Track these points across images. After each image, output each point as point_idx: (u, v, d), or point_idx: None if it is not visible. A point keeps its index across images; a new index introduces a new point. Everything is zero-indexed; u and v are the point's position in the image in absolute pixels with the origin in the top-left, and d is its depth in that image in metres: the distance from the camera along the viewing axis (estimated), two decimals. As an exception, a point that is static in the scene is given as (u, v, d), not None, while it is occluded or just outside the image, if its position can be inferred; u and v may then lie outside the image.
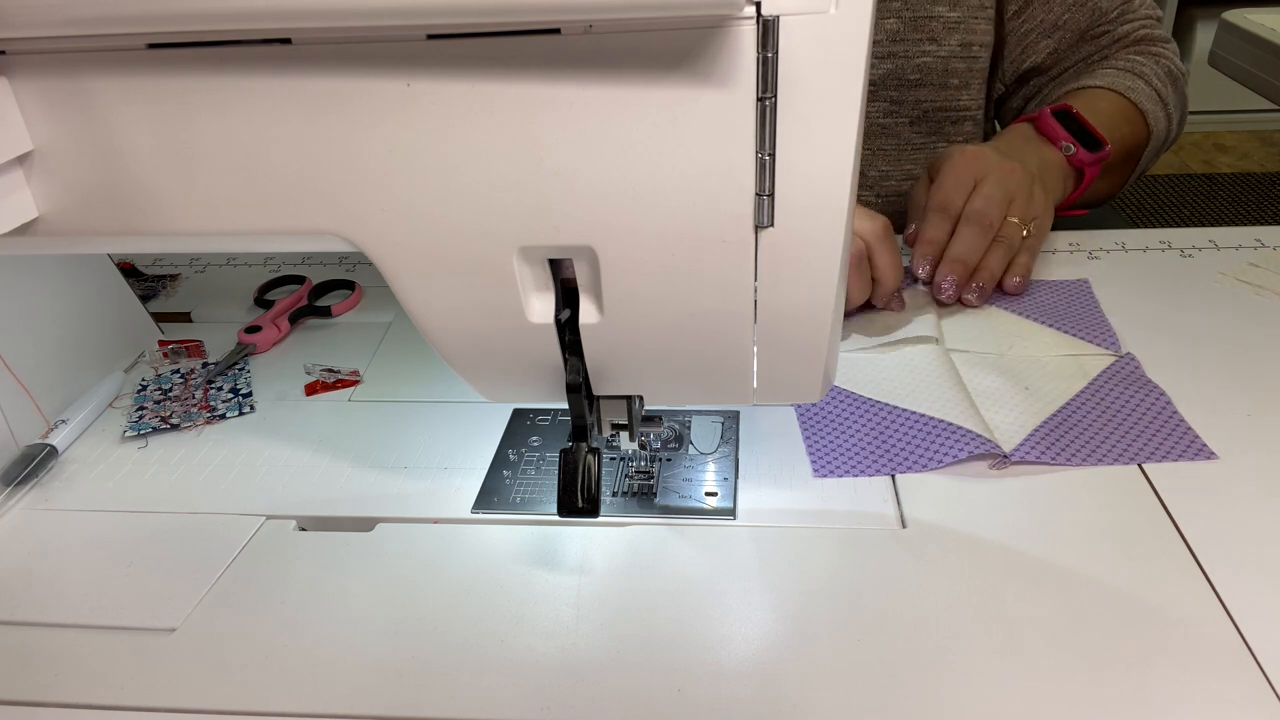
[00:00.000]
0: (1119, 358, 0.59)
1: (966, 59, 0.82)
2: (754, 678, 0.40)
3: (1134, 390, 0.56)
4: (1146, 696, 0.38)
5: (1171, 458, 0.51)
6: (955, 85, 0.83)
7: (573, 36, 0.31)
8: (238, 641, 0.43)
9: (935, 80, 0.82)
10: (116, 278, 0.66)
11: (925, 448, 0.52)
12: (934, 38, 0.80)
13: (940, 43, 0.81)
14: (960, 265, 0.66)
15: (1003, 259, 0.67)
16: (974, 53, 0.82)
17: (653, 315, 0.38)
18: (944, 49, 0.81)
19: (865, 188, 0.87)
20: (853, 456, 0.53)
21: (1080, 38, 0.84)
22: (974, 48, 0.82)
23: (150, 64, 0.34)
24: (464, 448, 0.56)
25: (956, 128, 0.85)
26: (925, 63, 0.81)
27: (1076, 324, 0.64)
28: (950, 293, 0.65)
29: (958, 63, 0.82)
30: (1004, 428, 0.54)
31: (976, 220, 0.66)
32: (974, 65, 0.83)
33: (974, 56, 0.82)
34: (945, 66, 0.81)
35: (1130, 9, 0.84)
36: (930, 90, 0.82)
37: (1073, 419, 0.54)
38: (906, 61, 0.81)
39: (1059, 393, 0.57)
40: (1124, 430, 0.53)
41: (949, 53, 0.81)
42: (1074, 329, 0.63)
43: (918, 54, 0.81)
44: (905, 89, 0.82)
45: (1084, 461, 0.51)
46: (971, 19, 0.81)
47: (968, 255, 0.66)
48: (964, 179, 0.68)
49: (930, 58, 0.81)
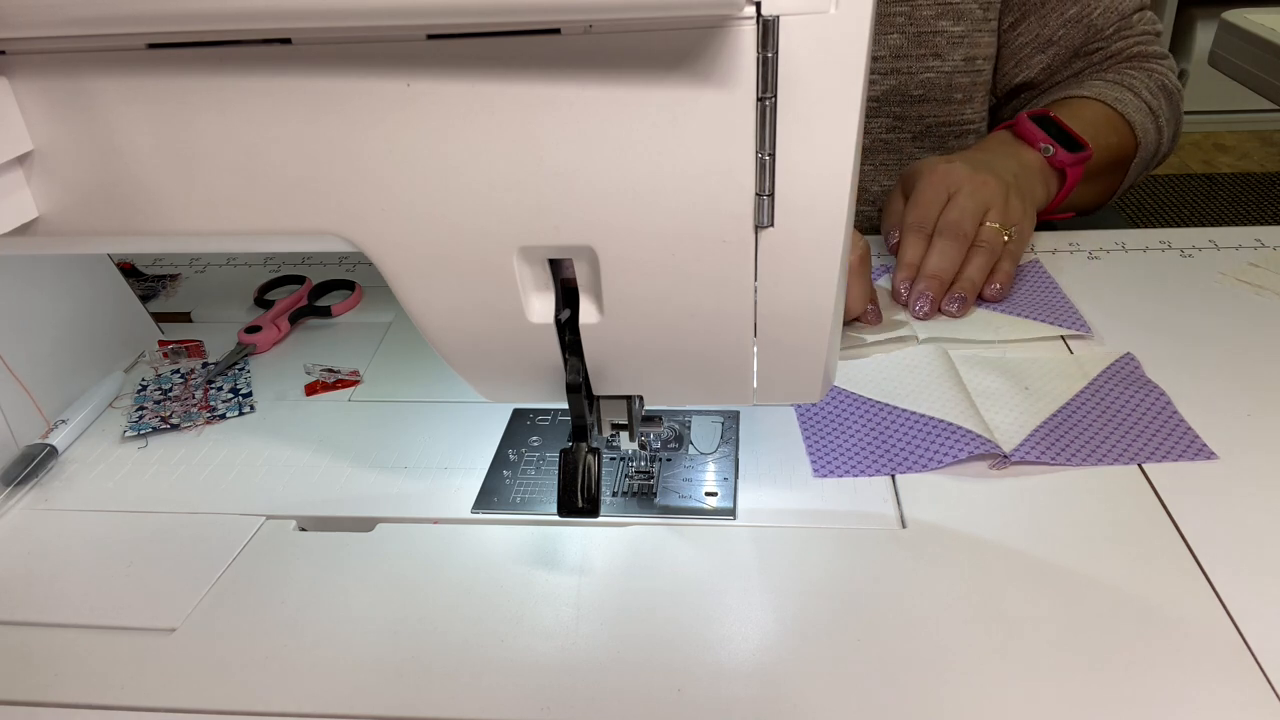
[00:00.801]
0: (1120, 358, 0.59)
1: (970, 73, 0.82)
2: (754, 678, 0.40)
3: (1134, 390, 0.56)
4: (1146, 696, 0.38)
5: (1171, 458, 0.51)
6: (959, 100, 0.83)
7: (573, 36, 0.31)
8: (238, 641, 0.43)
9: (939, 95, 0.82)
10: (116, 278, 0.66)
11: (925, 448, 0.52)
12: (938, 53, 0.80)
13: (944, 58, 0.80)
14: (935, 281, 0.65)
15: (983, 266, 0.66)
16: (978, 66, 0.82)
17: (653, 315, 0.38)
18: (948, 64, 0.81)
19: (867, 203, 0.87)
20: (853, 456, 0.53)
21: (1074, 54, 0.84)
22: (977, 61, 0.82)
23: (150, 64, 0.34)
24: (464, 448, 0.56)
25: (960, 141, 0.85)
26: (929, 78, 0.81)
27: (1041, 309, 0.65)
28: (925, 309, 0.65)
29: (961, 77, 0.82)
30: (1004, 428, 0.54)
31: (950, 233, 0.67)
32: (977, 79, 0.83)
33: (978, 70, 0.82)
34: (949, 82, 0.81)
35: (1127, 25, 0.83)
36: (934, 105, 0.82)
37: (1073, 419, 0.54)
38: (910, 78, 0.81)
39: (1059, 392, 0.57)
40: (1124, 430, 0.53)
41: (953, 68, 0.81)
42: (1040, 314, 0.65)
43: (921, 70, 0.80)
44: (909, 104, 0.82)
45: (1084, 461, 0.51)
46: (975, 32, 0.81)
47: (943, 269, 0.66)
48: (938, 194, 0.69)
49: (934, 73, 0.81)
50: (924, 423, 0.54)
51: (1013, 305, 0.66)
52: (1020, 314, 0.65)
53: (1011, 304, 0.67)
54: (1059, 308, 0.65)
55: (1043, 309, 0.66)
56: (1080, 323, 0.63)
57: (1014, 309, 0.66)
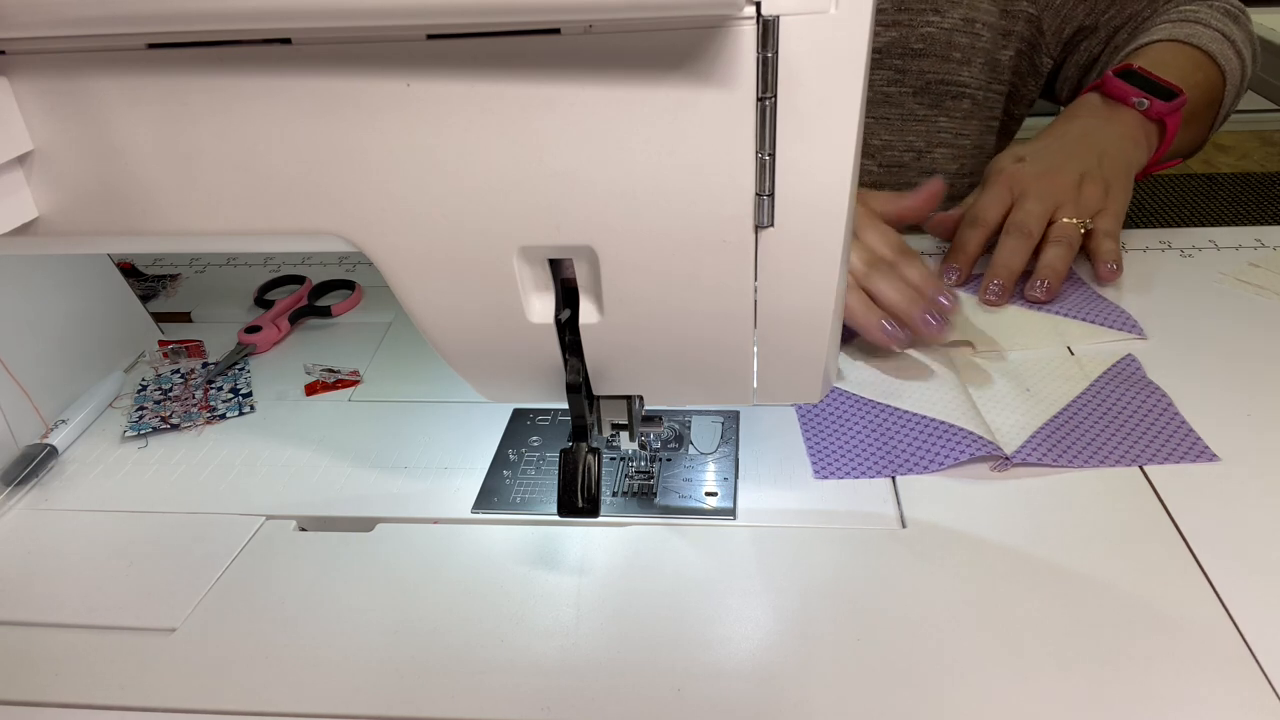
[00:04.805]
0: (1120, 359, 0.59)
1: (969, 34, 0.82)
2: (754, 677, 0.40)
3: (1135, 391, 0.56)
4: (1146, 696, 0.38)
5: (1173, 460, 0.51)
6: (957, 59, 0.83)
7: (573, 36, 0.31)
8: (238, 641, 0.43)
9: (938, 51, 0.82)
10: (116, 278, 0.66)
11: (926, 449, 0.52)
12: (937, 9, 0.81)
13: (943, 14, 0.81)
14: (1004, 270, 0.67)
15: (1063, 256, 0.67)
16: (976, 30, 0.82)
17: (653, 315, 0.38)
18: (946, 21, 0.81)
19: (867, 156, 0.87)
20: (854, 458, 0.53)
21: None
22: (976, 25, 0.82)
23: (150, 64, 0.34)
24: (464, 448, 0.55)
25: (955, 103, 0.85)
26: (929, 32, 0.81)
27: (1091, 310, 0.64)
28: (994, 298, 0.66)
29: (960, 36, 0.82)
30: (1005, 429, 0.54)
31: (1015, 231, 0.68)
32: (976, 42, 0.83)
33: (976, 34, 0.83)
34: (948, 39, 0.82)
35: None
36: (933, 61, 0.83)
37: (1074, 420, 0.54)
38: (910, 30, 0.81)
39: (1060, 394, 0.57)
40: (1125, 432, 0.53)
41: (951, 25, 0.82)
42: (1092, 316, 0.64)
43: (921, 23, 0.81)
44: (909, 58, 0.82)
45: (1086, 463, 0.51)
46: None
47: (1010, 261, 0.67)
48: (1001, 195, 0.70)
49: (934, 28, 0.81)
50: (925, 424, 0.54)
51: (1063, 307, 0.66)
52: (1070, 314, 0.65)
53: (1062, 305, 0.66)
54: (1107, 310, 0.64)
55: (1093, 311, 0.65)
56: (1133, 324, 0.63)
57: (1066, 310, 0.65)
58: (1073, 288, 0.68)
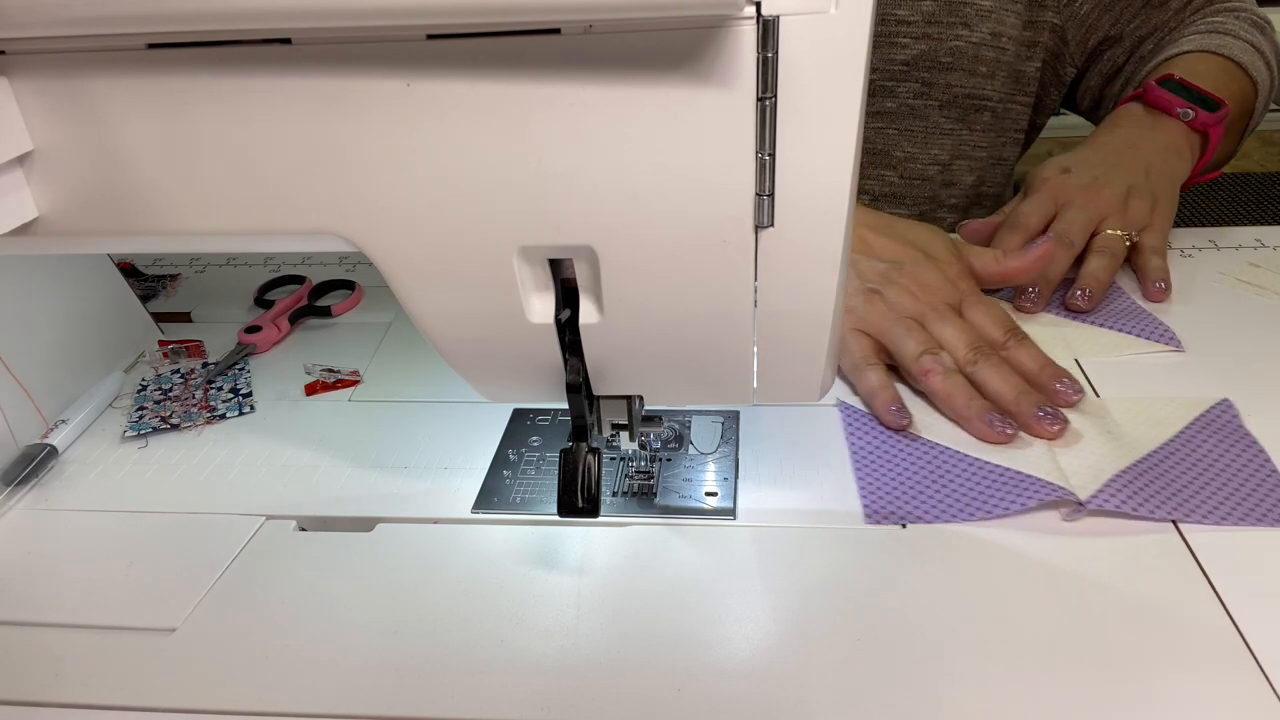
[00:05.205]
0: (1214, 404, 0.54)
1: (995, 49, 0.82)
2: (754, 677, 0.40)
3: (1230, 444, 0.51)
4: (1146, 697, 0.38)
5: (1267, 522, 0.46)
6: (983, 73, 0.83)
7: (573, 36, 0.31)
8: (238, 641, 0.43)
9: (966, 66, 0.82)
10: (116, 278, 0.66)
11: (991, 494, 0.48)
12: (967, 23, 0.81)
13: (973, 28, 0.81)
14: (1042, 278, 0.65)
15: (1107, 267, 0.66)
16: (1002, 44, 0.83)
17: (653, 315, 0.38)
18: (975, 35, 0.81)
19: (889, 168, 0.87)
20: (910, 500, 0.49)
21: (1145, 4, 0.84)
22: (1003, 39, 0.82)
23: (150, 64, 0.34)
24: (464, 448, 0.55)
25: (977, 115, 0.85)
26: (957, 46, 0.81)
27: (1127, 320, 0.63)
28: (1030, 304, 0.65)
29: (987, 51, 0.82)
30: (1080, 472, 0.49)
31: (1057, 239, 0.66)
32: (1001, 56, 0.83)
33: (1002, 48, 0.83)
34: (976, 53, 0.82)
35: None
36: (961, 75, 0.83)
37: (1159, 468, 0.49)
38: (940, 44, 0.81)
39: (1146, 440, 0.51)
40: (1216, 486, 0.48)
41: (979, 39, 0.82)
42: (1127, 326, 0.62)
43: (951, 37, 0.81)
44: (937, 72, 0.82)
45: (1169, 515, 0.46)
46: (1002, 9, 0.82)
47: (1049, 270, 0.66)
48: (1045, 204, 0.70)
49: (962, 42, 0.81)
50: (989, 468, 0.50)
51: (1099, 317, 0.64)
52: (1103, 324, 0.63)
53: (1098, 316, 0.64)
54: (1143, 319, 0.62)
55: (1128, 321, 0.63)
56: (1170, 335, 0.61)
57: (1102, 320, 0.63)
58: (1113, 297, 0.66)
